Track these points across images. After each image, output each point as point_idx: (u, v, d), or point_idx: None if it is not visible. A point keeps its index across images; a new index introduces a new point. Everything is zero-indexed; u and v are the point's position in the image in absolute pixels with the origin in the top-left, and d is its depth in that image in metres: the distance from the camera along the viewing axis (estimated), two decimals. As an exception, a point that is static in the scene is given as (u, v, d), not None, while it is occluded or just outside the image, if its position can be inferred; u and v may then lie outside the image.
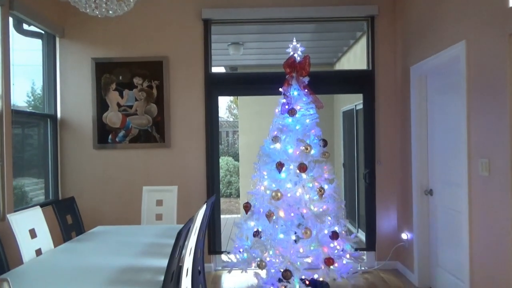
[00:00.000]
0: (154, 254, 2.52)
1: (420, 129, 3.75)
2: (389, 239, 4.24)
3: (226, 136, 13.47)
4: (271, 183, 3.44)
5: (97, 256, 2.50)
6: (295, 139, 3.43)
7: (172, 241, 2.03)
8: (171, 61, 4.22)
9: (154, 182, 4.13)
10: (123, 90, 4.20)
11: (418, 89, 3.76)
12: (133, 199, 4.10)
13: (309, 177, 3.38)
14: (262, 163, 3.52)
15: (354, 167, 5.86)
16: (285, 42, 3.91)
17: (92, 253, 2.57)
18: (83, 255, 2.54)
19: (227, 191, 11.05)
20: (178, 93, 4.23)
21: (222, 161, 11.26)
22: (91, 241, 2.89)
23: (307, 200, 3.33)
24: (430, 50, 3.42)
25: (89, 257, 2.48)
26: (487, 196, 2.64)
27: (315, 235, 3.28)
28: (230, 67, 7.47)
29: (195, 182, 4.21)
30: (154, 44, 4.23)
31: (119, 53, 4.22)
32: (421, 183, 3.74)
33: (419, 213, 3.74)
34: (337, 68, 6.82)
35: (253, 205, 3.49)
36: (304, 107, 3.53)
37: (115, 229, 3.26)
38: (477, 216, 2.76)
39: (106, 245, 2.78)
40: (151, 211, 3.69)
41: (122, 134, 4.20)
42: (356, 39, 5.46)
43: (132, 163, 4.22)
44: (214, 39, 4.44)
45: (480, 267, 2.75)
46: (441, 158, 3.49)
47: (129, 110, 4.20)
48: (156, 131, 4.20)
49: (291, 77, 3.55)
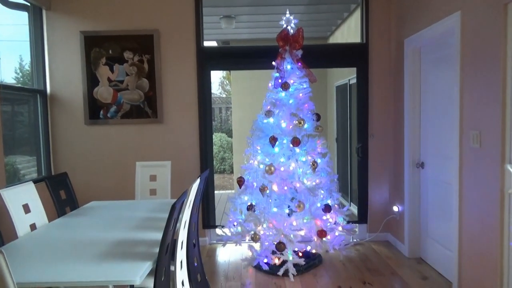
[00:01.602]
0: (149, 228, 2.54)
1: (413, 103, 3.75)
2: (381, 212, 4.31)
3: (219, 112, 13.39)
4: (264, 157, 3.45)
5: (92, 230, 2.51)
6: (289, 113, 3.41)
7: (166, 215, 2.04)
8: (162, 35, 4.13)
9: (147, 158, 4.12)
10: (113, 64, 4.12)
11: (412, 62, 3.74)
12: (127, 174, 4.10)
13: (302, 151, 3.39)
14: (255, 138, 3.51)
15: (347, 141, 5.88)
16: (278, 15, 3.84)
17: (87, 228, 2.58)
18: (77, 229, 2.55)
19: (220, 167, 11.08)
20: (170, 67, 4.17)
21: (215, 138, 11.24)
22: (86, 215, 2.90)
23: (300, 174, 3.36)
24: (425, 22, 3.37)
25: (83, 231, 2.49)
26: (478, 168, 2.67)
27: (308, 208, 3.32)
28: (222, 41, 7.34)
29: (188, 157, 4.21)
30: (144, 17, 4.13)
31: (109, 26, 4.11)
32: (413, 156, 3.77)
33: (410, 185, 3.79)
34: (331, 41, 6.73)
35: (247, 180, 3.50)
36: (298, 81, 3.50)
37: (109, 204, 3.26)
38: (467, 188, 2.81)
39: (101, 219, 2.79)
40: (145, 186, 3.69)
41: (114, 110, 4.15)
42: (350, 11, 5.37)
43: (124, 139, 4.19)
44: (205, 12, 4.34)
45: (469, 238, 2.82)
46: (433, 131, 3.51)
47: (120, 85, 4.14)
48: (148, 106, 4.16)
49: (284, 51, 3.50)
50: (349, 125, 5.77)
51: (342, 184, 6.11)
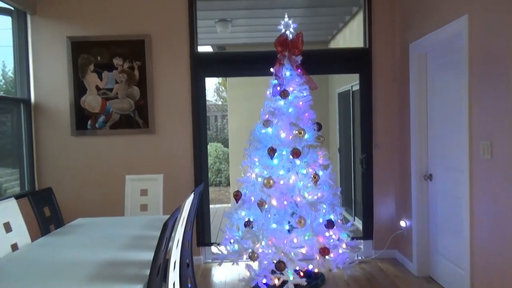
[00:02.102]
0: (139, 247, 2.52)
1: (419, 111, 3.77)
2: (387, 227, 4.30)
3: (215, 120, 13.41)
4: (262, 170, 3.44)
5: (78, 250, 2.49)
6: (288, 123, 3.42)
7: (158, 233, 2.02)
8: (154, 40, 4.15)
9: (137, 171, 4.11)
10: (102, 71, 4.13)
11: (417, 68, 3.77)
12: (116, 189, 4.08)
13: (303, 163, 3.39)
14: (253, 149, 3.51)
15: (350, 152, 5.89)
16: (276, 18, 3.86)
17: (73, 247, 2.56)
18: (62, 249, 2.53)
19: (216, 180, 11.05)
20: (162, 74, 4.18)
21: (210, 148, 11.23)
22: (71, 234, 2.87)
23: (301, 187, 3.35)
24: (431, 26, 3.41)
25: (69, 251, 2.47)
26: (489, 180, 2.67)
27: (310, 224, 3.31)
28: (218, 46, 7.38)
29: (182, 170, 4.20)
30: (135, 21, 4.15)
31: (97, 31, 4.13)
32: (420, 168, 3.78)
33: (418, 199, 3.79)
34: (332, 46, 6.78)
35: (244, 194, 3.49)
36: (297, 88, 3.52)
37: (96, 221, 3.24)
38: (479, 202, 2.80)
39: (88, 238, 2.77)
40: (135, 202, 3.67)
41: (102, 120, 4.15)
42: (352, 14, 5.42)
43: (113, 151, 4.19)
44: (200, 15, 4.37)
45: (481, 255, 2.81)
46: (441, 141, 3.52)
47: (109, 94, 4.14)
48: (139, 115, 4.16)
49: (283, 56, 3.52)
50: (352, 135, 5.78)
51: (345, 198, 6.10)
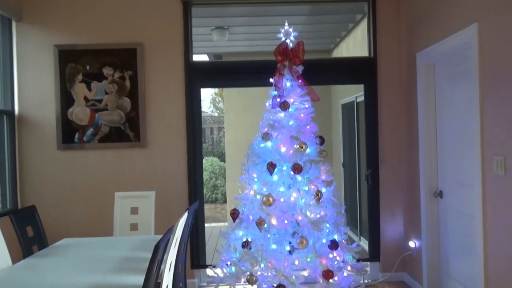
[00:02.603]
0: (129, 270, 2.50)
1: (428, 124, 3.79)
2: (395, 248, 4.28)
3: (211, 133, 13.44)
4: (261, 186, 3.44)
5: (63, 273, 2.46)
6: (288, 137, 3.43)
7: (149, 254, 2.01)
8: (147, 49, 4.18)
9: (128, 187, 4.10)
10: (91, 82, 4.15)
11: (425, 78, 3.80)
12: (104, 207, 4.06)
13: (305, 180, 3.38)
14: (251, 164, 3.51)
15: (355, 167, 5.89)
16: (276, 26, 3.90)
17: (57, 270, 2.53)
18: (46, 272, 2.50)
19: (212, 196, 11.02)
20: (154, 85, 4.20)
21: (206, 162, 11.23)
22: (56, 256, 2.85)
23: (302, 205, 3.34)
24: (438, 35, 3.45)
25: (53, 275, 2.44)
26: (503, 197, 2.67)
27: (312, 245, 3.29)
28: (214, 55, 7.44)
29: (175, 186, 4.19)
30: (126, 29, 4.19)
31: (86, 40, 4.16)
32: (429, 184, 3.78)
33: (428, 218, 3.78)
34: (335, 55, 6.83)
35: (242, 212, 3.48)
36: (298, 100, 3.53)
37: (83, 242, 3.22)
38: (492, 221, 2.80)
39: (73, 260, 2.74)
40: (124, 221, 3.66)
41: (91, 133, 4.15)
42: (356, 22, 5.48)
43: (102, 166, 4.18)
44: (195, 23, 4.42)
45: (496, 278, 2.79)
46: (451, 155, 3.53)
47: (98, 105, 4.15)
48: (130, 128, 4.16)
49: (283, 66, 3.55)
50: (357, 149, 5.79)
51: (350, 217, 6.08)
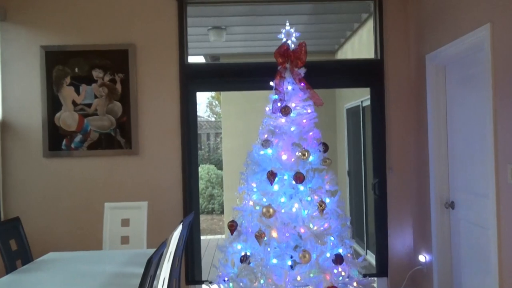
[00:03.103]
0: (119, 286, 2.49)
1: (438, 129, 3.80)
2: (404, 263, 4.27)
3: (207, 139, 13.46)
4: (261, 196, 3.43)
5: (48, 290, 2.45)
6: (290, 144, 3.43)
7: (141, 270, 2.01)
8: (139, 50, 4.20)
9: (118, 197, 4.09)
10: (79, 85, 4.16)
11: (435, 81, 3.81)
12: (93, 218, 4.05)
13: (307, 189, 3.38)
14: (250, 173, 3.51)
15: (361, 176, 5.89)
16: (277, 26, 3.92)
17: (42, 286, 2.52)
18: (30, 289, 2.49)
19: (208, 207, 11.01)
20: (147, 88, 4.21)
21: (202, 170, 11.23)
22: (41, 271, 2.84)
23: (305, 217, 3.34)
24: (449, 35, 3.46)
25: (38, 292, 2.43)
26: (519, 209, 2.67)
27: (315, 259, 3.28)
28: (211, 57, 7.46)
29: (169, 196, 4.18)
30: (117, 29, 4.20)
31: (75, 40, 4.18)
32: (440, 194, 3.78)
33: (439, 230, 3.77)
34: (339, 57, 6.86)
35: (240, 224, 3.48)
36: (300, 104, 3.54)
37: (70, 256, 3.21)
38: (507, 233, 2.79)
39: (60, 276, 2.73)
40: (115, 233, 3.65)
41: (79, 139, 4.15)
42: (362, 22, 5.51)
43: (91, 174, 4.18)
44: (191, 22, 4.43)
45: (511, 294, 2.78)
46: (463, 163, 3.53)
47: (87, 110, 4.16)
48: (121, 134, 4.17)
49: (284, 69, 3.56)
50: (363, 156, 5.79)
51: (356, 229, 6.06)
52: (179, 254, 2.82)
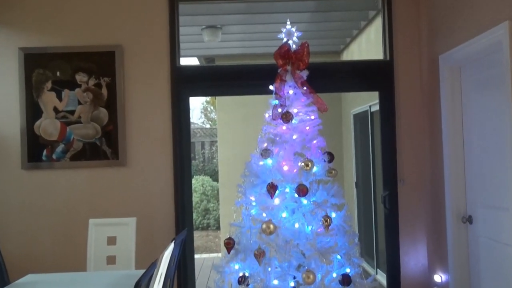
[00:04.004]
0: (105, 311, 2.48)
1: (453, 137, 3.80)
2: (418, 283, 4.25)
3: (202, 148, 13.47)
4: (260, 211, 3.43)
5: (27, 316, 2.44)
6: (292, 153, 3.43)
7: (129, 293, 1.99)
8: (127, 52, 4.21)
9: (104, 213, 4.08)
10: (62, 90, 4.16)
11: (450, 84, 3.82)
12: (76, 236, 4.04)
13: (311, 203, 3.38)
14: (248, 185, 3.51)
15: (370, 188, 5.88)
16: (277, 25, 3.93)
17: (20, 312, 2.51)
18: (7, 315, 2.48)
19: (203, 222, 11.00)
20: (136, 93, 4.21)
21: (196, 182, 11.23)
22: (19, 295, 2.82)
23: (308, 233, 3.33)
24: (464, 34, 3.48)
25: (15, 318, 2.42)
26: (543, 223, 2.67)
27: (321, 280, 3.27)
28: (205, 58, 7.49)
29: (159, 211, 4.17)
30: (103, 29, 4.22)
31: (57, 42, 4.19)
32: (456, 208, 3.77)
33: (455, 247, 3.76)
34: (345, 58, 6.89)
35: (238, 242, 3.47)
36: (303, 110, 3.55)
37: (51, 278, 3.20)
38: (531, 250, 2.79)
39: (39, 300, 2.72)
40: (100, 253, 3.64)
41: (61, 149, 4.15)
42: (369, 20, 5.54)
43: (74, 188, 4.17)
44: (183, 21, 4.45)
45: (536, 318, 2.76)
46: (482, 174, 3.53)
47: (70, 117, 4.16)
48: (107, 144, 4.17)
49: (285, 71, 3.57)
50: (372, 167, 5.79)
51: (365, 246, 6.05)
52: (170, 276, 2.81)
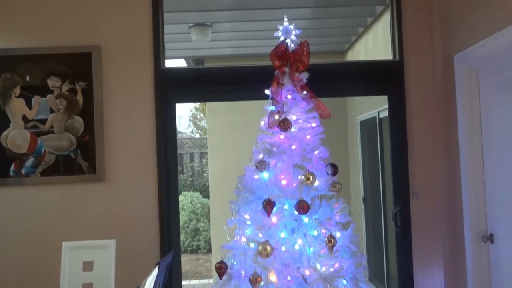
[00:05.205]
0: None
1: (472, 145, 3.81)
2: (434, 310, 4.24)
3: (190, 161, 13.46)
4: (256, 231, 3.42)
5: None
6: (291, 165, 3.43)
7: (107, 325, 1.98)
8: (105, 53, 4.21)
9: (80, 235, 4.06)
10: (32, 96, 4.16)
11: (466, 87, 3.83)
12: (48, 261, 4.02)
13: (313, 221, 3.38)
14: (242, 202, 3.50)
15: (380, 203, 5.88)
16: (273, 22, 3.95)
17: None
18: None
19: (192, 244, 10.96)
20: (115, 99, 4.21)
21: (184, 199, 11.21)
22: (-17, 328, 2.80)
23: (310, 255, 3.33)
24: (482, 31, 3.50)
25: None
26: None
27: (325, 308, 3.26)
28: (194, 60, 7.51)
29: (142, 232, 4.16)
30: (79, 28, 4.22)
31: (26, 42, 4.19)
32: (476, 225, 3.77)
33: (476, 269, 3.76)
34: (350, 58, 6.92)
35: (231, 266, 3.46)
36: (303, 117, 3.55)
37: (20, 309, 3.17)
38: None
39: (6, 334, 2.70)
40: (75, 279, 3.61)
41: (31, 163, 4.14)
42: (376, 16, 5.57)
43: (46, 206, 4.15)
44: (168, 19, 4.47)
45: None
46: (504, 187, 3.54)
47: (41, 127, 4.15)
48: (83, 157, 4.16)
49: (283, 74, 3.57)
50: (381, 179, 5.79)
51: (374, 269, 6.03)
52: (155, 305, 2.79)
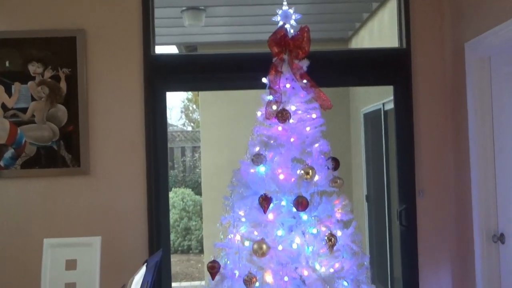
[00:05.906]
0: None
1: (482, 140, 3.81)
2: (441, 315, 4.26)
3: (182, 155, 13.44)
4: (251, 229, 3.43)
5: None
6: (289, 159, 3.44)
7: (90, 327, 1.99)
8: (90, 37, 4.20)
9: (62, 232, 4.06)
10: (11, 83, 4.15)
11: (478, 77, 3.84)
12: (29, 258, 4.02)
13: (312, 219, 3.38)
14: (237, 198, 3.51)
15: (384, 201, 5.89)
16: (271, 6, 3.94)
17: None
18: None
19: (183, 244, 10.96)
20: (101, 87, 4.21)
21: (175, 196, 11.20)
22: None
23: (309, 255, 3.34)
24: (495, 17, 3.50)
25: None
26: None
27: (323, 312, 3.27)
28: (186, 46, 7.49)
29: (129, 230, 4.17)
30: (62, 10, 4.21)
31: (5, 25, 4.18)
32: (486, 224, 3.79)
33: (485, 271, 3.78)
34: (354, 46, 6.92)
35: (224, 265, 3.46)
36: (303, 107, 3.55)
37: (-3, 310, 3.18)
38: None
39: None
40: (57, 278, 3.62)
41: (11, 155, 4.13)
42: (382, 1, 5.57)
43: (26, 201, 4.15)
44: (159, 2, 4.46)
45: None
46: (516, 184, 3.55)
47: (21, 116, 4.14)
48: (66, 148, 4.15)
49: (281, 61, 3.57)
50: (385, 175, 5.81)
51: (377, 270, 6.06)
52: (142, 306, 2.79)
